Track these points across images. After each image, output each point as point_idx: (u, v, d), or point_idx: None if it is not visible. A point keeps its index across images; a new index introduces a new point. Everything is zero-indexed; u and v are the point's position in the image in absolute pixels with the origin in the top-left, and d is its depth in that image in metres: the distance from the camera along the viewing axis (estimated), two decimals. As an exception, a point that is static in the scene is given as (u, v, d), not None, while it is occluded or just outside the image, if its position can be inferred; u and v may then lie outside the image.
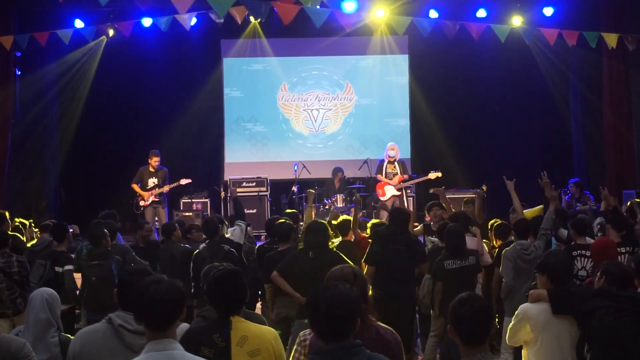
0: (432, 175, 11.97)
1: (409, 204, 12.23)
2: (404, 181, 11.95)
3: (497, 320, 5.99)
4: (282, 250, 6.38)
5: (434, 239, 7.37)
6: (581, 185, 11.77)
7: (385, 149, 12.26)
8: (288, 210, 8.30)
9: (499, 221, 7.24)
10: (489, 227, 7.26)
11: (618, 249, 5.79)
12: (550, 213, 6.41)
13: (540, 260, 4.53)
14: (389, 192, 11.88)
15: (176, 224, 7.92)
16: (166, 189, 11.36)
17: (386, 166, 12.04)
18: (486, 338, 2.87)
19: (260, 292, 7.36)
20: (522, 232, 6.31)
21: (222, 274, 3.41)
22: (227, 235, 6.98)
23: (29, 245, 7.83)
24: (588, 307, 4.05)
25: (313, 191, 7.45)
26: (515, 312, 4.27)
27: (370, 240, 6.74)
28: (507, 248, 6.26)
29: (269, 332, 3.46)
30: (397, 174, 11.96)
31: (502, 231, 6.96)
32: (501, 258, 6.24)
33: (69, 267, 6.71)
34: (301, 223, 8.57)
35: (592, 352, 4.06)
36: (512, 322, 4.24)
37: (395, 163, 12.03)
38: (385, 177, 11.99)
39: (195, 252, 6.70)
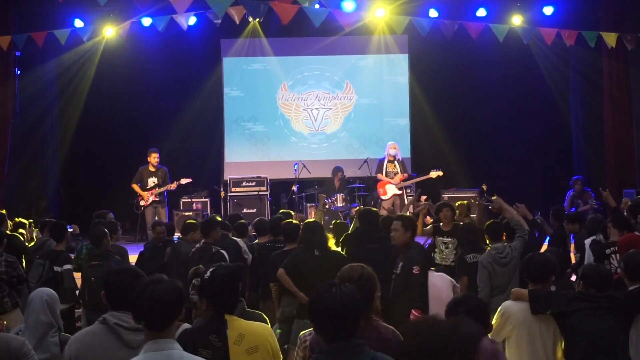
0: (434, 174, 11.96)
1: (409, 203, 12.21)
2: (405, 180, 11.94)
3: None
4: (289, 250, 6.40)
5: (446, 239, 7.41)
6: (583, 183, 11.78)
7: (386, 147, 12.25)
8: (282, 211, 8.33)
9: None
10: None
11: None
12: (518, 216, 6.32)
13: (524, 259, 4.58)
14: (390, 191, 11.88)
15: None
16: (173, 186, 11.39)
17: (386, 165, 12.03)
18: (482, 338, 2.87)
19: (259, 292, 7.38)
20: (495, 234, 6.21)
21: (220, 272, 3.39)
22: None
23: (30, 245, 7.84)
24: (567, 308, 4.10)
25: (324, 195, 7.47)
26: (498, 309, 4.33)
27: None
28: (483, 255, 6.13)
29: (265, 329, 3.48)
30: (397, 173, 11.95)
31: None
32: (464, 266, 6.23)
33: (67, 266, 6.71)
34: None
35: (573, 352, 4.11)
36: (496, 319, 4.30)
37: (396, 162, 12.02)
38: (386, 176, 11.97)
39: (191, 253, 6.77)
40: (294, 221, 6.74)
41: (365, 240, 6.28)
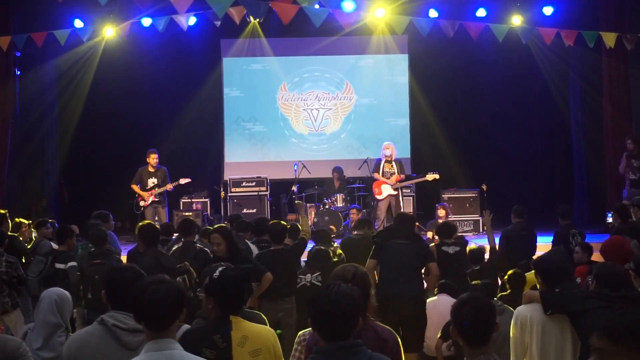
0: (430, 176, 11.93)
1: (405, 203, 12.21)
2: (401, 181, 11.91)
3: None
4: (274, 250, 6.49)
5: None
6: (635, 139, 11.29)
7: (382, 147, 12.25)
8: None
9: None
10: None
11: None
12: None
13: (538, 258, 4.55)
14: (385, 191, 11.86)
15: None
16: (169, 186, 11.38)
17: (383, 165, 12.01)
18: (489, 338, 2.88)
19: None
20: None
21: (229, 273, 3.40)
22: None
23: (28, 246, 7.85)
24: (581, 307, 4.07)
25: (301, 202, 7.52)
26: (512, 319, 4.27)
27: None
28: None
29: (269, 332, 3.48)
30: (394, 173, 11.90)
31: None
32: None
33: (72, 263, 6.73)
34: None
35: (586, 352, 4.07)
36: (514, 332, 4.22)
37: (393, 162, 11.99)
38: (383, 176, 11.96)
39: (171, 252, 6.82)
40: (282, 222, 6.85)
41: (397, 236, 6.32)
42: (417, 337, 5.90)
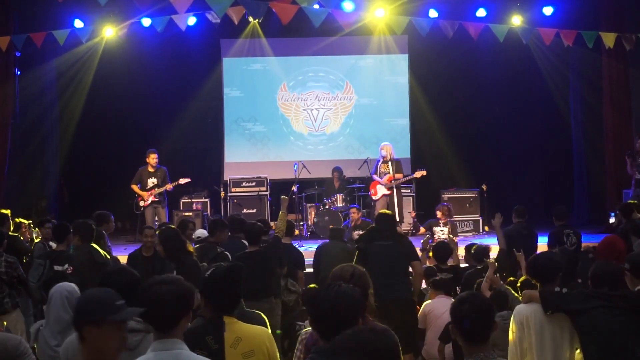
0: (418, 174, 11.91)
1: (402, 203, 12.18)
2: (394, 180, 11.91)
3: None
4: (250, 252, 6.43)
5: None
6: None
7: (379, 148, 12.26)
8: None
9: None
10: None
11: None
12: None
13: (529, 261, 4.55)
14: (380, 191, 11.88)
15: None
16: (169, 186, 11.38)
17: (380, 165, 12.03)
18: (488, 336, 2.88)
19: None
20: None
21: (219, 271, 3.37)
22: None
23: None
24: (582, 306, 4.07)
25: (286, 197, 7.41)
26: (511, 318, 4.27)
27: None
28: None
29: (263, 333, 3.44)
30: (388, 173, 11.90)
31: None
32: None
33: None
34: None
35: (587, 351, 4.08)
36: (513, 330, 4.21)
37: (389, 162, 11.97)
38: (379, 176, 11.98)
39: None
40: (259, 223, 6.83)
41: (379, 237, 6.32)
42: (409, 338, 5.88)
